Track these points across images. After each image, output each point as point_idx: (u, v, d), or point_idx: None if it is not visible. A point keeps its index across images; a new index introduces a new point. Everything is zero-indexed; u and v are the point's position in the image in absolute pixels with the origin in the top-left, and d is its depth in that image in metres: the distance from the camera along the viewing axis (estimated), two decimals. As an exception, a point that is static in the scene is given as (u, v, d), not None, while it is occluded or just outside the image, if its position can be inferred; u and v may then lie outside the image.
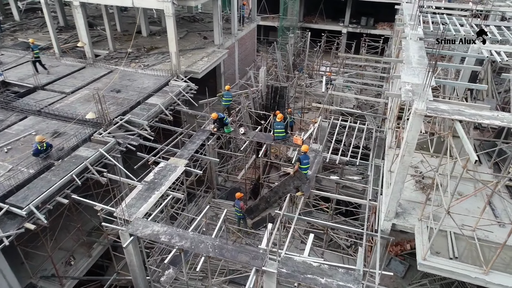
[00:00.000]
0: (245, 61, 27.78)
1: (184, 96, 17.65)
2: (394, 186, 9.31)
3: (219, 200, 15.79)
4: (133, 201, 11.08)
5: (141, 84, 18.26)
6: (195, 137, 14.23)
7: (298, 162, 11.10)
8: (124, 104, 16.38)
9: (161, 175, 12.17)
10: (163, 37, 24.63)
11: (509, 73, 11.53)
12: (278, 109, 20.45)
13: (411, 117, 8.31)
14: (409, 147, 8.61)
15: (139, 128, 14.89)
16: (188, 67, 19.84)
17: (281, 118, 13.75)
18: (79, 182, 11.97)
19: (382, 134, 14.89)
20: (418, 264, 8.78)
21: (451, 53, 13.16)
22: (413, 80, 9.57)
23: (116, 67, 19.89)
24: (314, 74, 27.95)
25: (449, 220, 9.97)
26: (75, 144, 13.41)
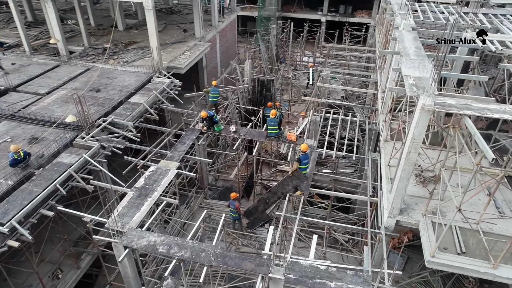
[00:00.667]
0: (227, 54, 27.06)
1: (168, 94, 16.89)
2: (399, 183, 9.08)
3: (211, 201, 15.28)
4: (125, 209, 10.43)
5: (122, 82, 17.35)
6: (184, 137, 13.59)
7: (297, 162, 10.72)
8: (105, 104, 15.49)
9: (152, 180, 11.54)
10: (141, 31, 23.61)
11: (502, 62, 11.46)
12: (265, 103, 19.99)
13: (417, 112, 8.04)
14: (415, 144, 8.37)
15: (123, 129, 14.10)
16: (170, 62, 19.02)
17: (274, 114, 13.31)
18: (63, 192, 11.18)
19: (374, 126, 14.70)
20: (426, 261, 8.63)
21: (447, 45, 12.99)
22: (414, 73, 9.31)
23: (93, 65, 18.82)
24: (297, 65, 27.57)
25: (452, 214, 9.93)
26: (56, 151, 12.54)
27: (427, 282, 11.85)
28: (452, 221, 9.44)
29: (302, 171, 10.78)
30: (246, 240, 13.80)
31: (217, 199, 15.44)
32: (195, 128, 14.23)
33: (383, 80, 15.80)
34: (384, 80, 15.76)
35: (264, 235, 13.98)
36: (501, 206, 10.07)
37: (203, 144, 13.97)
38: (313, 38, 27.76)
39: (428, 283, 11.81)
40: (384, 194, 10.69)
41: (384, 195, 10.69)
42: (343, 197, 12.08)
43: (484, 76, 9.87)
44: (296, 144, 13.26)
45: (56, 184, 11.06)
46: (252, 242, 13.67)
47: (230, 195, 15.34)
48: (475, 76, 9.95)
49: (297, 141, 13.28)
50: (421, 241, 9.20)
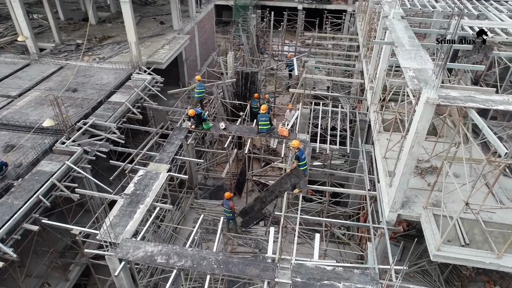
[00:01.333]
0: (206, 45, 26.28)
1: (150, 91, 16.13)
2: (401, 178, 8.94)
3: (202, 201, 14.82)
4: (116, 219, 9.85)
5: (100, 80, 16.43)
6: (172, 137, 13.00)
7: (296, 159, 10.39)
8: (84, 105, 14.62)
9: (142, 185, 10.96)
10: (115, 24, 22.48)
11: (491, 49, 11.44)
12: (250, 96, 19.54)
13: (421, 106, 7.84)
14: (419, 138, 8.20)
15: (106, 131, 13.35)
16: (149, 57, 18.18)
17: (265, 109, 12.90)
18: (47, 203, 10.46)
19: (365, 117, 14.56)
20: (432, 255, 8.57)
21: (437, 32, 12.90)
22: (412, 64, 9.10)
23: (67, 62, 17.73)
24: (279, 55, 27.13)
25: (452, 204, 9.93)
26: (35, 158, 11.71)
27: (424, 271, 11.94)
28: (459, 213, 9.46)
29: (300, 167, 10.47)
30: (242, 240, 13.48)
31: (208, 199, 14.99)
32: (183, 127, 13.63)
33: (371, 69, 15.63)
34: (371, 69, 15.60)
35: (259, 233, 13.72)
36: (497, 194, 10.15)
37: (192, 143, 13.42)
38: (294, 27, 27.30)
39: (426, 272, 11.90)
40: (383, 187, 10.56)
41: (382, 189, 10.57)
42: (340, 192, 11.88)
43: (480, 66, 9.81)
44: (289, 139, 12.94)
45: (38, 196, 10.31)
46: (248, 242, 13.36)
47: (221, 193, 15.03)
48: (472, 66, 9.89)
49: (289, 136, 12.96)
50: (424, 234, 9.14)
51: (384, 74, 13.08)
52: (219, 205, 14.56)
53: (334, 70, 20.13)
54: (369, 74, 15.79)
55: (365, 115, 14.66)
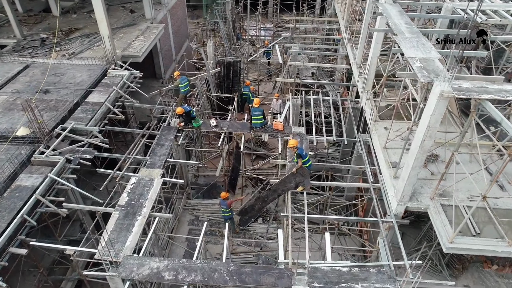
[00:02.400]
0: (179, 33, 25.04)
1: (129, 87, 15.10)
2: (411, 171, 8.76)
3: (195, 201, 14.23)
4: (114, 234, 9.14)
5: (73, 78, 15.19)
6: (161, 139, 12.21)
7: (299, 158, 9.98)
8: (59, 107, 13.46)
9: (136, 194, 10.23)
10: (81, 15, 20.87)
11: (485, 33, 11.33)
12: (233, 86, 18.84)
13: (434, 99, 7.57)
14: (431, 131, 7.98)
15: (87, 136, 12.37)
16: (124, 50, 17.00)
17: (258, 103, 12.35)
18: (33, 223, 9.57)
19: (356, 104, 14.32)
20: (445, 248, 8.52)
21: (432, 16, 12.65)
22: (417, 54, 8.80)
23: (33, 60, 16.26)
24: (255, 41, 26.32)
25: (457, 193, 9.93)
26: (12, 172, 10.66)
27: (425, 256, 12.05)
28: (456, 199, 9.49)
29: (305, 164, 10.09)
30: (241, 239, 13.10)
31: (202, 198, 14.41)
32: (171, 126, 12.85)
33: (358, 54, 15.30)
34: (359, 54, 15.27)
35: (258, 231, 13.38)
36: (499, 179, 10.22)
37: (183, 143, 12.70)
38: (267, 10, 26.46)
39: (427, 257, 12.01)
40: (387, 179, 10.40)
41: (386, 181, 10.41)
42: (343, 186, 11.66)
43: (483, 52, 9.67)
44: (284, 133, 12.51)
45: (23, 215, 9.39)
46: (247, 241, 13.01)
47: (214, 192, 14.51)
48: (474, 52, 9.73)
49: (284, 130, 12.52)
50: (433, 225, 9.09)
51: (377, 60, 12.79)
52: (214, 204, 14.06)
53: (318, 55, 19.65)
54: (356, 60, 15.48)
55: (356, 103, 14.40)
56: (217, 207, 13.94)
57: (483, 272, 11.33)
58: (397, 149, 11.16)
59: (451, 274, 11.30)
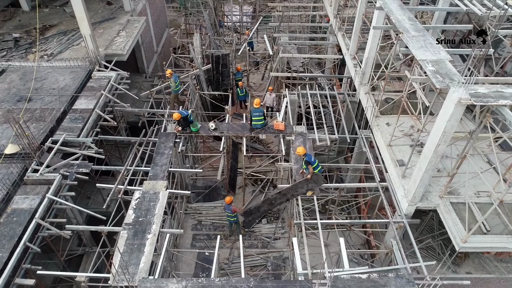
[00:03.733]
0: (159, 23, 23.93)
1: (117, 90, 14.36)
2: (424, 174, 8.78)
3: (196, 205, 13.94)
4: (125, 255, 8.81)
5: (55, 83, 14.27)
6: (160, 146, 11.73)
7: (309, 165, 9.81)
8: (45, 117, 12.67)
9: (143, 210, 9.86)
10: (53, 9, 19.51)
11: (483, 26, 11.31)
12: (223, 80, 18.31)
13: (450, 106, 7.50)
14: (446, 136, 7.95)
15: (81, 148, 11.75)
16: (106, 48, 16.08)
17: (258, 103, 12.00)
18: (37, 249, 9.09)
19: (353, 98, 14.18)
20: (459, 247, 8.71)
21: (431, 8, 12.46)
22: (427, 56, 8.65)
23: (8, 64, 15.12)
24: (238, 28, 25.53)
25: (464, 189, 10.07)
26: (5, 195, 10.02)
27: (429, 247, 12.34)
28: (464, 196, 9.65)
29: (315, 170, 9.95)
30: (247, 241, 13.02)
31: (202, 202, 14.14)
32: (169, 131, 12.37)
33: (352, 45, 15.06)
34: (353, 45, 15.03)
35: (263, 232, 13.32)
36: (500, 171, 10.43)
37: (183, 150, 12.28)
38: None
39: (430, 247, 12.31)
40: (394, 178, 10.44)
41: (394, 180, 10.46)
42: (352, 187, 11.64)
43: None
44: (286, 133, 12.28)
45: (25, 242, 8.89)
46: (254, 242, 12.94)
47: (214, 194, 14.28)
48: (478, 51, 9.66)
49: (285, 130, 12.29)
50: (445, 225, 9.24)
51: (374, 53, 12.59)
52: (216, 207, 13.85)
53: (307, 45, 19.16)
54: (350, 50, 15.25)
55: (353, 96, 14.27)
56: (219, 210, 13.75)
57: (483, 257, 11.68)
58: (402, 145, 11.20)
59: (454, 262, 11.64)
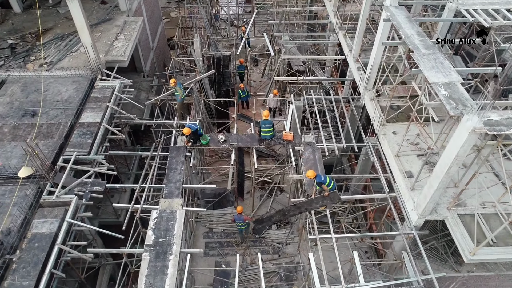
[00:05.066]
0: (153, 18, 23.42)
1: (122, 100, 14.25)
2: (435, 192, 9.15)
3: (207, 212, 14.21)
4: (150, 278, 9.11)
5: (58, 94, 14.09)
6: (172, 162, 11.85)
7: (322, 184, 10.09)
8: (53, 133, 12.61)
9: (162, 230, 10.09)
10: (47, 10, 18.96)
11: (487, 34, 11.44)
12: (224, 81, 18.27)
13: (464, 134, 7.77)
14: (458, 159, 8.27)
15: (92, 165, 11.80)
16: (106, 54, 15.81)
17: (267, 115, 12.12)
18: (62, 275, 9.32)
19: (359, 103, 14.37)
20: (467, 259, 9.21)
21: (437, 20, 12.52)
22: (439, 78, 8.83)
23: (7, 74, 14.80)
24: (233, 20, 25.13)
25: (471, 200, 10.52)
26: (24, 219, 10.12)
27: (432, 248, 12.90)
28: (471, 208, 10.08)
29: (328, 187, 10.24)
30: (258, 247, 13.43)
31: (212, 209, 14.41)
32: (179, 145, 12.45)
33: (355, 47, 15.09)
34: (356, 47, 15.06)
35: (274, 238, 13.72)
36: (503, 179, 10.87)
37: (195, 164, 12.42)
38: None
39: (434, 248, 12.88)
40: (403, 190, 10.80)
41: (403, 192, 10.81)
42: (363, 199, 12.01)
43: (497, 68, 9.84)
44: (294, 143, 12.49)
45: (50, 270, 9.09)
46: (266, 248, 13.37)
47: (224, 201, 14.53)
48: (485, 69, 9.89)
49: (294, 140, 12.49)
50: (453, 237, 9.71)
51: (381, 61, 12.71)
52: (226, 214, 14.17)
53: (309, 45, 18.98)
54: (353, 53, 15.30)
55: (358, 100, 14.46)
56: (229, 216, 14.06)
57: (483, 257, 12.29)
58: (409, 156, 11.54)
59: (456, 261, 12.26)
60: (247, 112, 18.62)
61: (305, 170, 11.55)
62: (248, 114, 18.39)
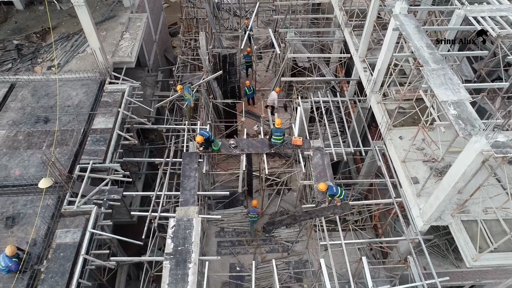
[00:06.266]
0: (155, 10, 23.17)
1: (131, 104, 14.44)
2: (441, 203, 9.63)
3: (218, 211, 14.73)
4: (172, 286, 9.67)
5: (69, 98, 14.25)
6: (185, 169, 12.21)
7: (334, 196, 10.56)
8: (67, 140, 12.87)
9: (180, 239, 10.58)
10: (49, 7, 18.58)
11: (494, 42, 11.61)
12: (230, 78, 18.38)
13: (472, 155, 8.16)
14: (465, 176, 8.69)
15: (108, 172, 12.16)
16: (113, 55, 15.84)
17: (280, 123, 12.42)
18: (88, 283, 9.87)
19: (365, 104, 14.64)
20: (469, 265, 9.80)
21: (444, 28, 12.61)
22: (449, 96, 9.12)
23: (16, 78, 14.86)
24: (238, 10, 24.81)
25: (474, 206, 11.02)
26: (47, 230, 10.56)
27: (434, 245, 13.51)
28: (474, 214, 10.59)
29: (339, 197, 10.71)
30: (267, 246, 14.05)
31: (223, 209, 14.92)
32: (191, 151, 12.79)
33: (362, 47, 15.21)
34: (363, 47, 15.18)
35: (283, 236, 14.31)
36: (505, 185, 11.36)
37: (207, 169, 12.78)
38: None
39: (435, 245, 13.52)
40: (409, 196, 11.27)
41: (409, 198, 11.28)
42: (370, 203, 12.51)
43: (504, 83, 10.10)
44: (303, 148, 12.85)
45: (77, 279, 9.62)
46: (275, 247, 13.98)
47: (233, 201, 15.05)
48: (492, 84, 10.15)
49: (303, 145, 12.86)
50: (457, 243, 10.27)
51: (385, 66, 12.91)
52: (236, 214, 14.71)
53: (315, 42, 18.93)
54: (359, 53, 15.42)
55: (364, 101, 14.72)
56: (240, 216, 14.60)
57: (482, 253, 12.95)
58: (415, 161, 11.95)
59: (456, 257, 12.93)
60: (253, 108, 18.86)
61: (315, 176, 11.99)
62: (254, 110, 18.63)
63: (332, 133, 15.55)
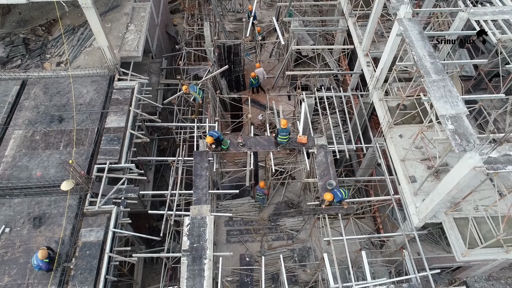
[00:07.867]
0: None
1: (141, 101, 14.87)
2: (436, 205, 10.47)
3: (227, 202, 15.64)
4: (190, 281, 10.70)
5: (80, 96, 14.66)
6: (197, 168, 12.93)
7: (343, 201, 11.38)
8: (82, 139, 13.46)
9: (195, 236, 11.50)
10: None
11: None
12: (234, 67, 18.68)
13: (465, 169, 8.86)
14: (459, 186, 9.44)
15: (124, 171, 12.89)
16: (120, 49, 16.02)
17: (285, 124, 12.98)
18: (114, 279, 10.91)
19: (367, 99, 15.10)
20: (458, 259, 10.81)
21: (447, 33, 12.80)
22: (447, 110, 9.64)
23: (27, 75, 15.17)
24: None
25: (467, 205, 11.88)
26: (73, 229, 11.46)
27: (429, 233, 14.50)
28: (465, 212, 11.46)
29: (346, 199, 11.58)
30: (273, 234, 15.09)
31: (231, 199, 15.81)
32: (201, 150, 13.45)
33: (366, 42, 15.45)
34: (367, 41, 15.42)
35: (288, 225, 15.32)
36: (498, 184, 12.16)
37: (217, 168, 13.51)
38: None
39: (430, 234, 14.53)
40: (407, 194, 12.11)
41: (406, 196, 12.12)
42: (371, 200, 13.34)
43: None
44: (308, 146, 13.51)
45: (104, 276, 10.64)
46: (280, 235, 15.02)
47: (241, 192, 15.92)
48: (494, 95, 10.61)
49: (308, 143, 13.50)
50: (449, 239, 11.23)
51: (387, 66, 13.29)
52: (244, 204, 15.63)
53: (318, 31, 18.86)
54: (363, 47, 15.68)
55: (366, 96, 15.18)
56: (247, 206, 15.53)
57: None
58: (413, 160, 12.67)
59: (448, 243, 14.00)
60: (257, 96, 19.28)
61: (319, 174, 12.75)
62: (259, 99, 19.07)
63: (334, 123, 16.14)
